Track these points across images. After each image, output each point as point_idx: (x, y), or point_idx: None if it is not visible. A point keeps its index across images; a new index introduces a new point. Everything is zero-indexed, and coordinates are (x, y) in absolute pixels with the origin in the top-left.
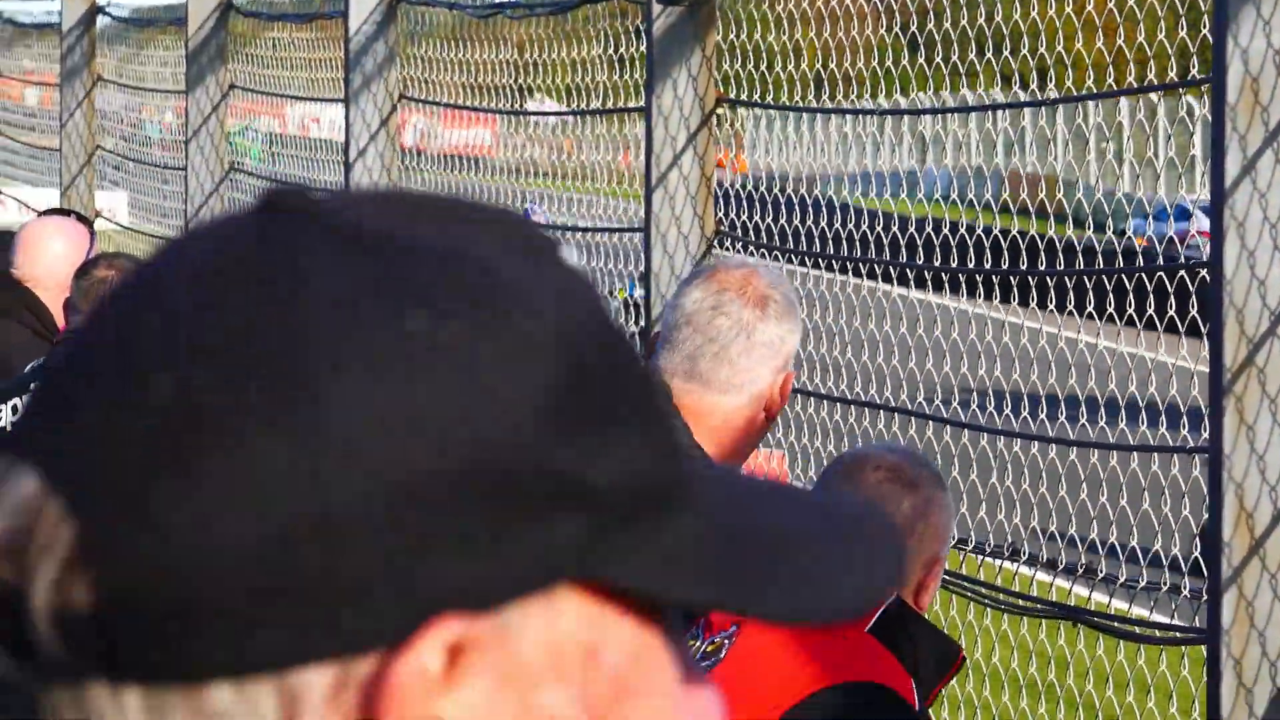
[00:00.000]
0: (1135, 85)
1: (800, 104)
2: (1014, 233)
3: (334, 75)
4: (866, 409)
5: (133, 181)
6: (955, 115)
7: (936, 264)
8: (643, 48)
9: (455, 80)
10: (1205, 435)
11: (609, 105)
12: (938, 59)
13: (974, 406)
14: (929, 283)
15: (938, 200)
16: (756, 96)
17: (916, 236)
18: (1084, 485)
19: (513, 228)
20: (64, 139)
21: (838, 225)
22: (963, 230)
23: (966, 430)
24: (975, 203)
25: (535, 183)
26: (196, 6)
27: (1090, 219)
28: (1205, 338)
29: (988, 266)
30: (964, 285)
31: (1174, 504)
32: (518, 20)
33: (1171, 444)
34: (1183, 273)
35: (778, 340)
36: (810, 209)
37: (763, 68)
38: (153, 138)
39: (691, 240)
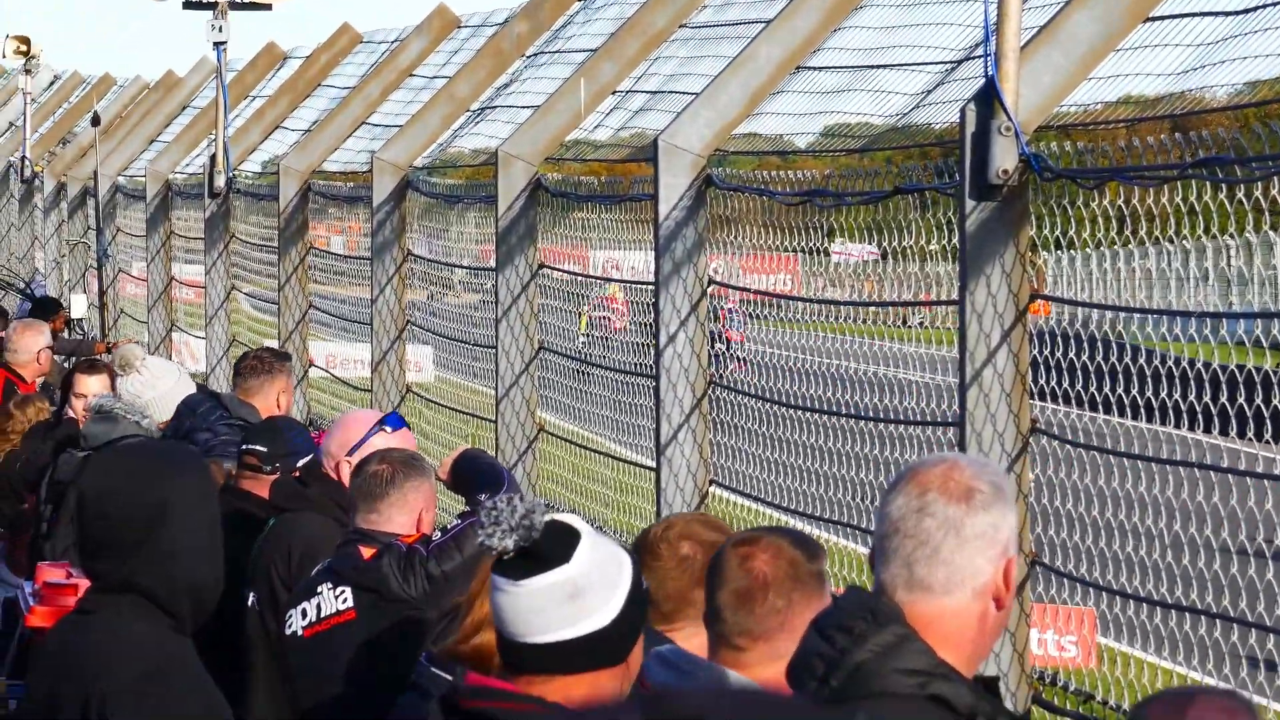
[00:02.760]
0: None
1: (1104, 251)
2: None
3: (644, 257)
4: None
5: (439, 337)
6: (1260, 251)
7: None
8: (954, 240)
9: (757, 221)
10: None
11: (916, 241)
12: (1239, 194)
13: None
14: (1233, 427)
15: (1240, 342)
16: (1059, 231)
17: (1220, 375)
18: None
19: None
20: (375, 314)
21: (1142, 363)
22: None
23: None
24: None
25: (837, 325)
26: (506, 186)
27: None
28: None
29: None
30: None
31: None
32: (827, 209)
33: None
34: None
35: (990, 529)
36: (1114, 349)
37: (1064, 201)
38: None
39: (1007, 438)
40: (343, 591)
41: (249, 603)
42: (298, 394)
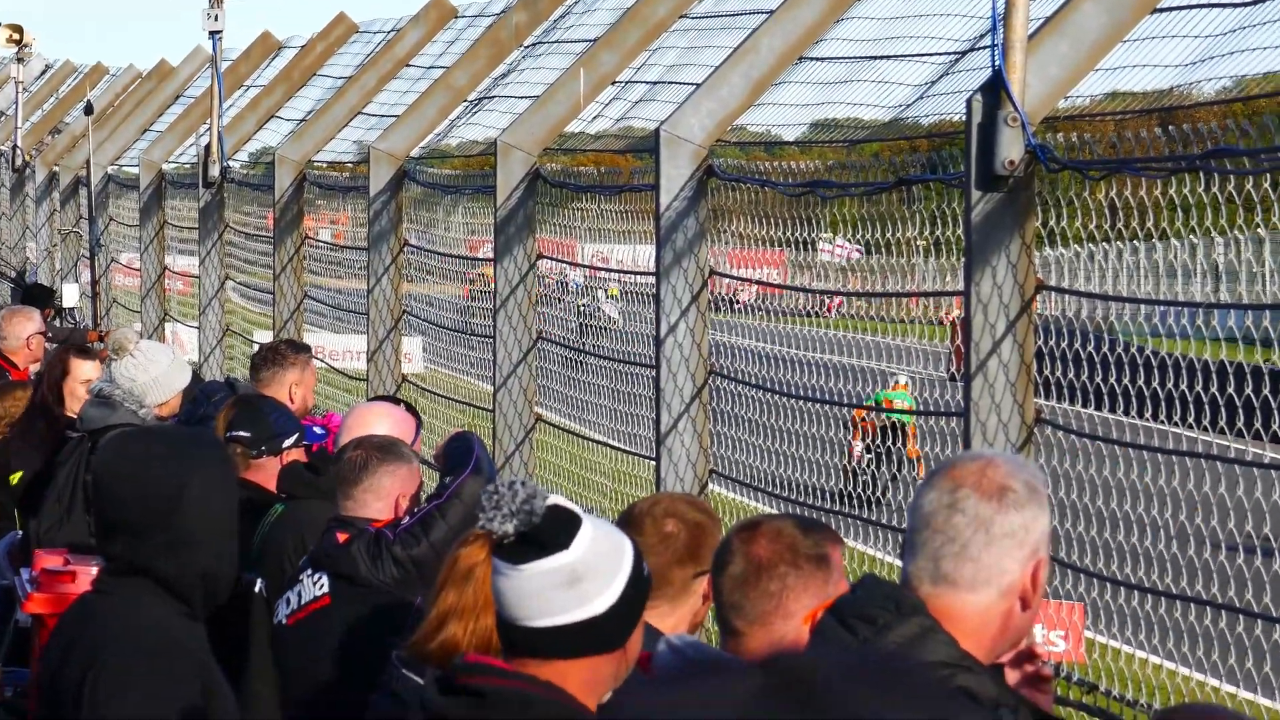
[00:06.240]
0: None
1: (1105, 248)
2: None
3: (645, 246)
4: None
5: (436, 327)
6: (1249, 244)
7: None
8: (959, 230)
9: (748, 214)
10: None
11: (897, 235)
12: (1230, 187)
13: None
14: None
15: (1231, 337)
16: (1053, 221)
17: (1211, 368)
18: None
19: None
20: (371, 304)
21: (1134, 353)
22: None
23: None
24: (1271, 334)
25: (823, 320)
26: (505, 176)
27: None
28: None
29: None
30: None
31: None
32: (830, 200)
33: None
34: None
35: (1021, 530)
36: (1105, 341)
37: (1057, 191)
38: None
39: (1011, 428)
40: (320, 578)
41: (256, 588)
42: None
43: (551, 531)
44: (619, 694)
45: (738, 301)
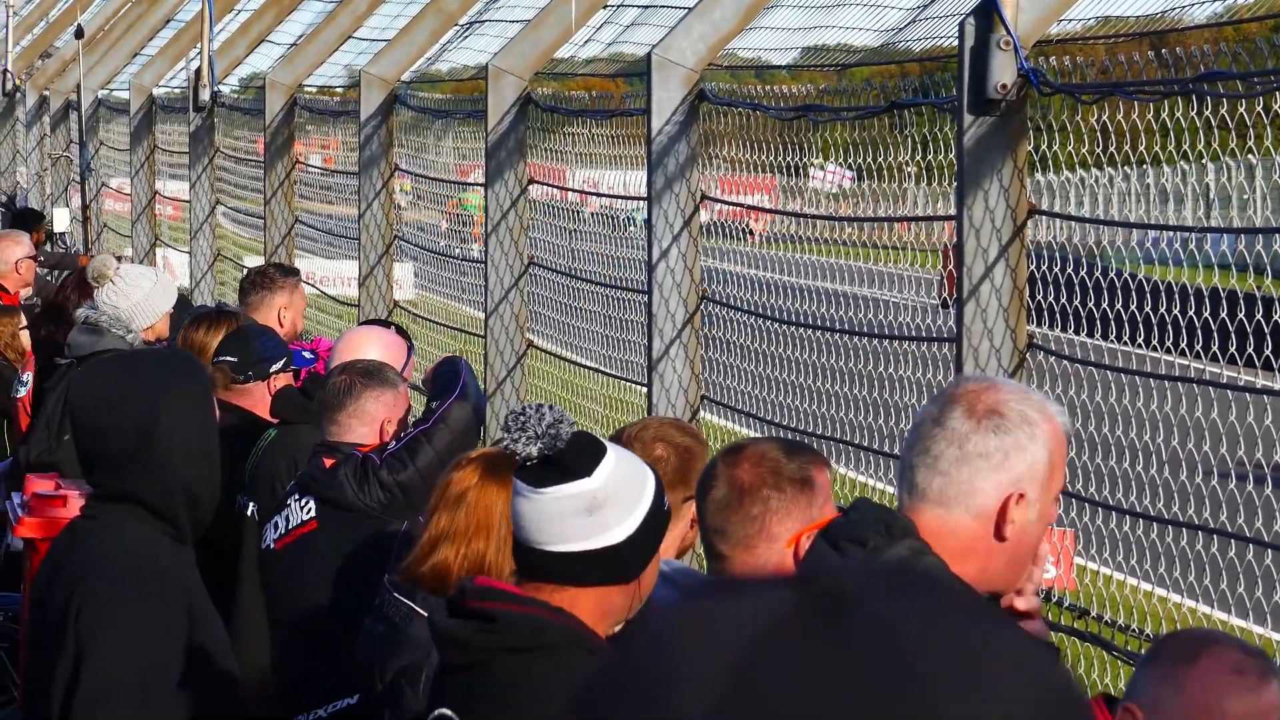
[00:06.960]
0: None
1: (1097, 173)
2: None
3: (636, 171)
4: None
5: (419, 252)
6: (1241, 169)
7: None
8: (951, 155)
9: (738, 139)
10: None
11: (889, 160)
12: (1223, 110)
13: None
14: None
15: (1225, 264)
16: (1045, 146)
17: (1204, 294)
18: None
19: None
20: (363, 229)
21: (1126, 278)
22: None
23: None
24: (1264, 259)
25: (812, 246)
26: (496, 101)
27: None
28: None
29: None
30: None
31: None
32: (822, 124)
33: None
34: None
35: (997, 454)
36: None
37: (1049, 115)
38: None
39: (1004, 354)
40: (307, 502)
41: (249, 512)
42: None
43: (575, 457)
44: (631, 624)
45: (750, 232)
